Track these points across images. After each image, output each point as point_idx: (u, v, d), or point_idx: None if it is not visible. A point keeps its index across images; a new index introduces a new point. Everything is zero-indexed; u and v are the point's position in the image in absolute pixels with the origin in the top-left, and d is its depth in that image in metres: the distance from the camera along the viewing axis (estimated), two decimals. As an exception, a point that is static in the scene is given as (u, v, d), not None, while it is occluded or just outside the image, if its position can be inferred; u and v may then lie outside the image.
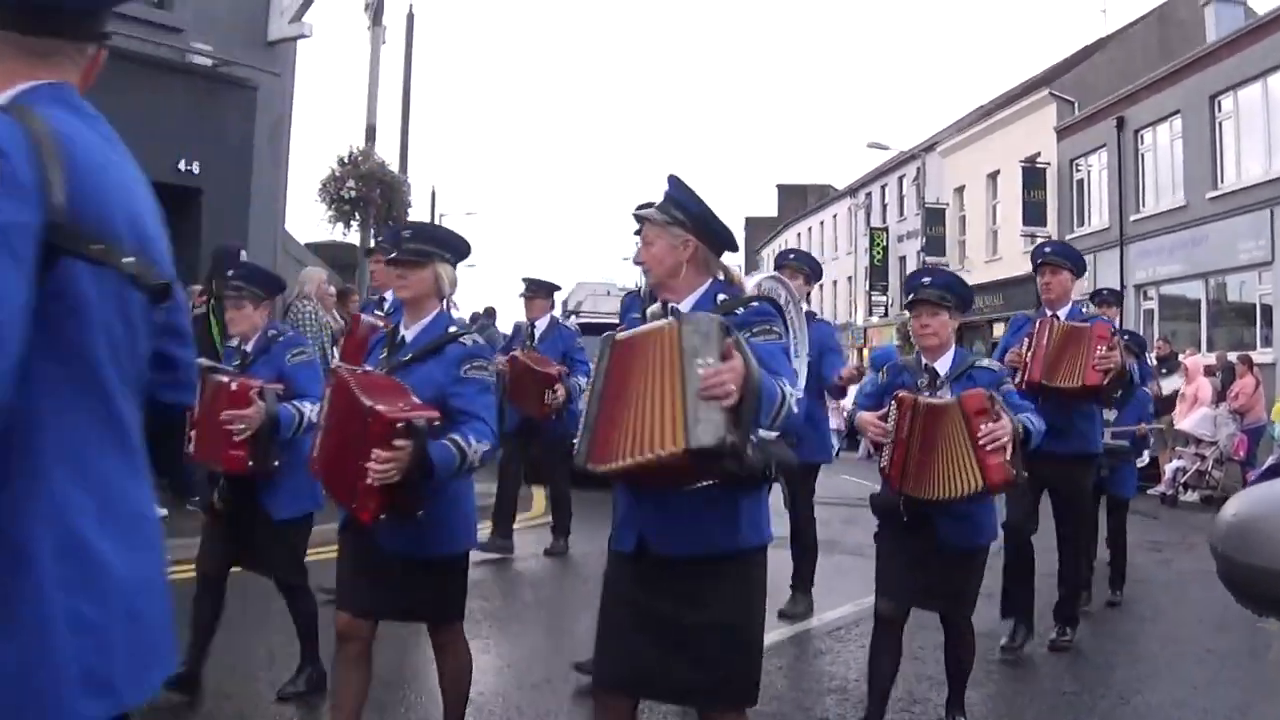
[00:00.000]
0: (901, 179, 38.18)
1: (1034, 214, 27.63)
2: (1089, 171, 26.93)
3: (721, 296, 3.22)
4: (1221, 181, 21.40)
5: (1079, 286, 11.43)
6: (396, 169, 15.33)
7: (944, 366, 4.61)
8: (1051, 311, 6.35)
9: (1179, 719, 5.32)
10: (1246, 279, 21.29)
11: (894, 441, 4.44)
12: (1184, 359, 16.95)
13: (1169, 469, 15.34)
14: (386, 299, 7.82)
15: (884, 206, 40.05)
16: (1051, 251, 6.52)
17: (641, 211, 3.35)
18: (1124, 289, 23.13)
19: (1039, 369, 6.06)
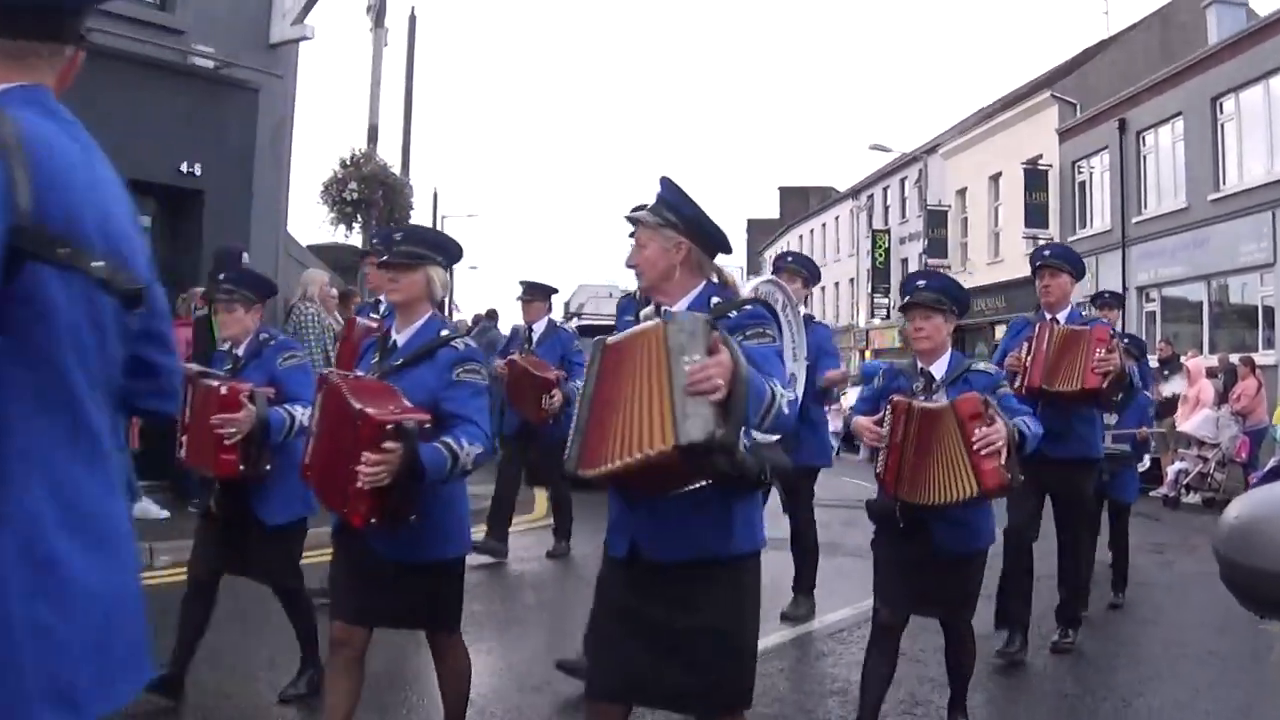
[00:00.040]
0: (903, 181, 38.19)
1: (1036, 216, 27.63)
2: (1091, 173, 26.94)
3: (715, 299, 3.17)
4: (1223, 183, 21.40)
5: (1080, 289, 11.45)
6: (398, 171, 15.35)
7: (940, 370, 4.59)
8: (1051, 315, 6.31)
9: (1181, 721, 5.31)
10: (1248, 281, 21.29)
11: (888, 446, 4.41)
12: (1186, 361, 16.95)
13: (1171, 471, 15.32)
14: (382, 302, 7.82)
15: (886, 208, 40.07)
16: (1051, 254, 6.46)
17: (634, 214, 3.31)
18: (1126, 291, 23.14)
19: (1038, 373, 6.03)
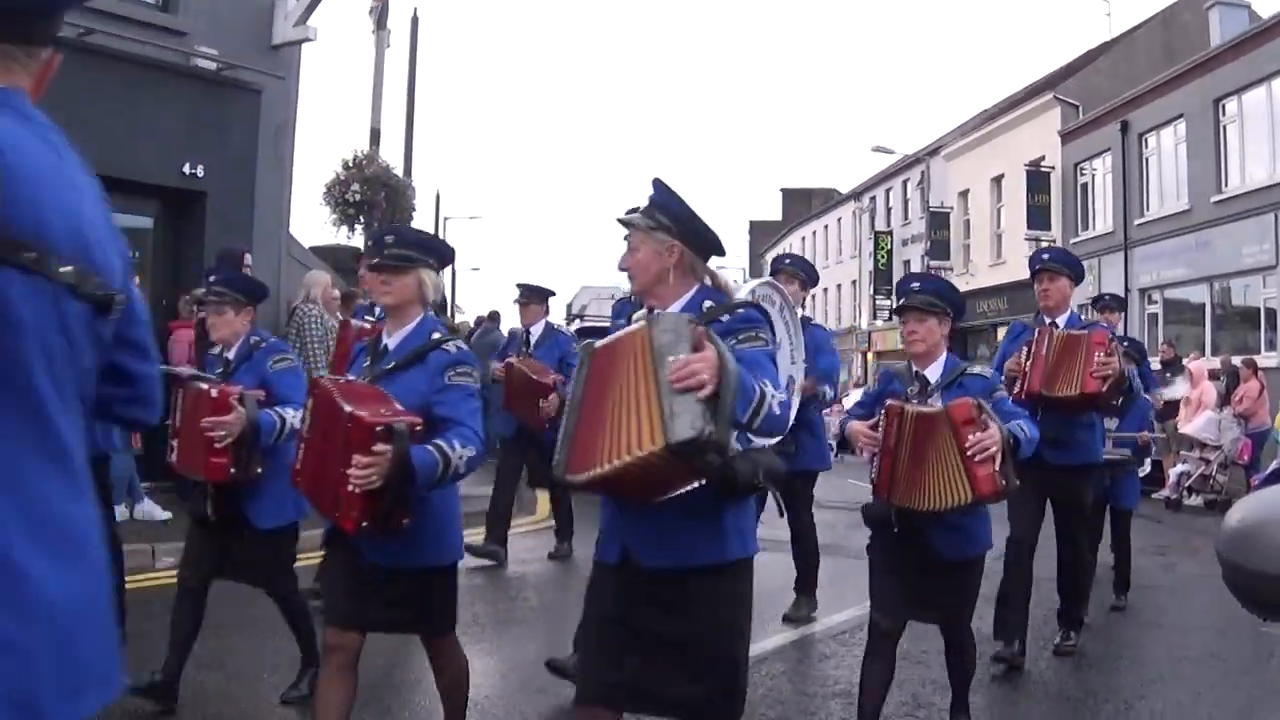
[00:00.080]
0: (906, 183, 38.21)
1: (1038, 218, 27.62)
2: (1093, 175, 26.94)
3: (707, 303, 3.13)
4: (1226, 185, 21.39)
5: (1082, 291, 11.43)
6: (401, 173, 15.32)
7: (934, 374, 4.54)
8: (1050, 319, 6.25)
9: (1183, 724, 5.31)
10: (1251, 283, 21.28)
11: (881, 451, 4.37)
12: (1188, 363, 16.94)
13: (1173, 473, 15.32)
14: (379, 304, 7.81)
15: (888, 210, 40.08)
16: (1050, 258, 6.40)
17: (626, 217, 3.27)
18: (1128, 293, 23.16)
19: (1038, 379, 5.97)
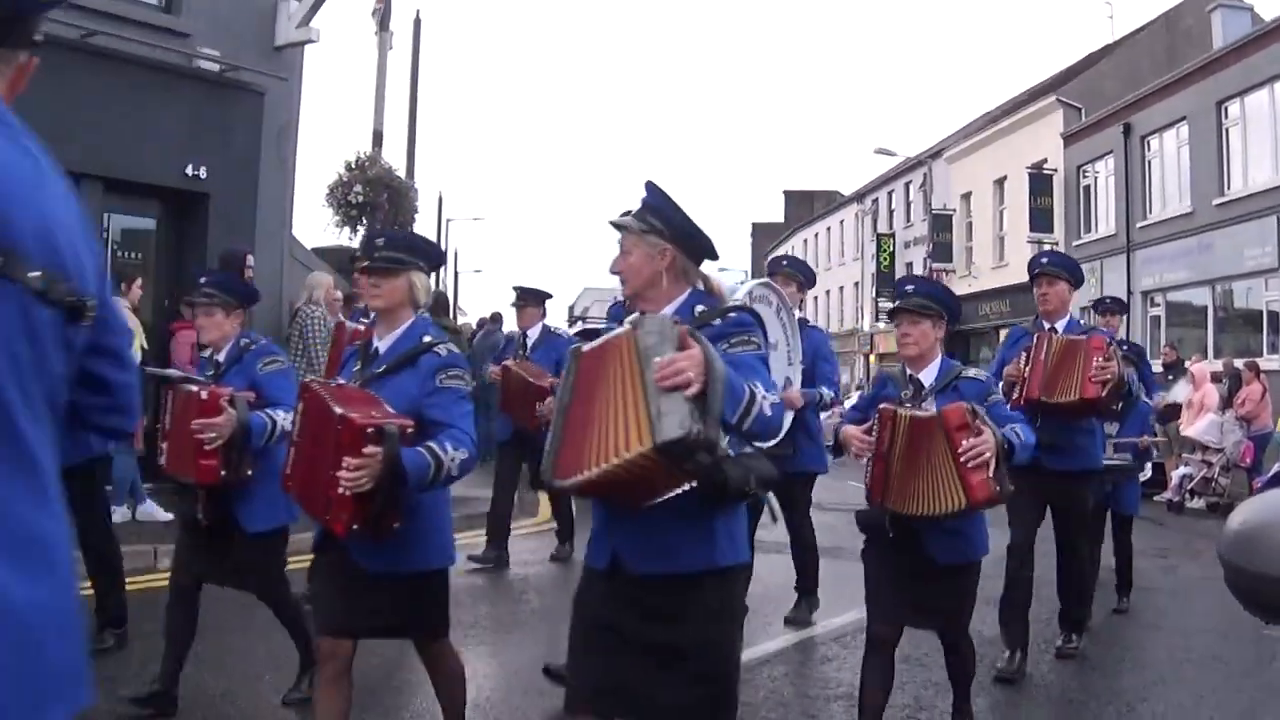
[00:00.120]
0: (908, 185, 38.23)
1: (1041, 220, 27.63)
2: (1096, 178, 26.93)
3: (699, 308, 3.11)
4: (1228, 188, 21.39)
5: (1086, 294, 11.42)
6: (403, 174, 15.33)
7: (929, 377, 4.50)
8: (1049, 324, 6.21)
9: (1185, 727, 5.31)
10: (1253, 285, 21.28)
11: (874, 455, 4.32)
12: (1190, 366, 16.92)
13: (1175, 476, 15.30)
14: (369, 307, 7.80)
15: (891, 212, 40.09)
16: (1049, 262, 6.35)
17: (619, 219, 3.23)
18: (1131, 296, 23.15)
19: (1036, 385, 5.92)
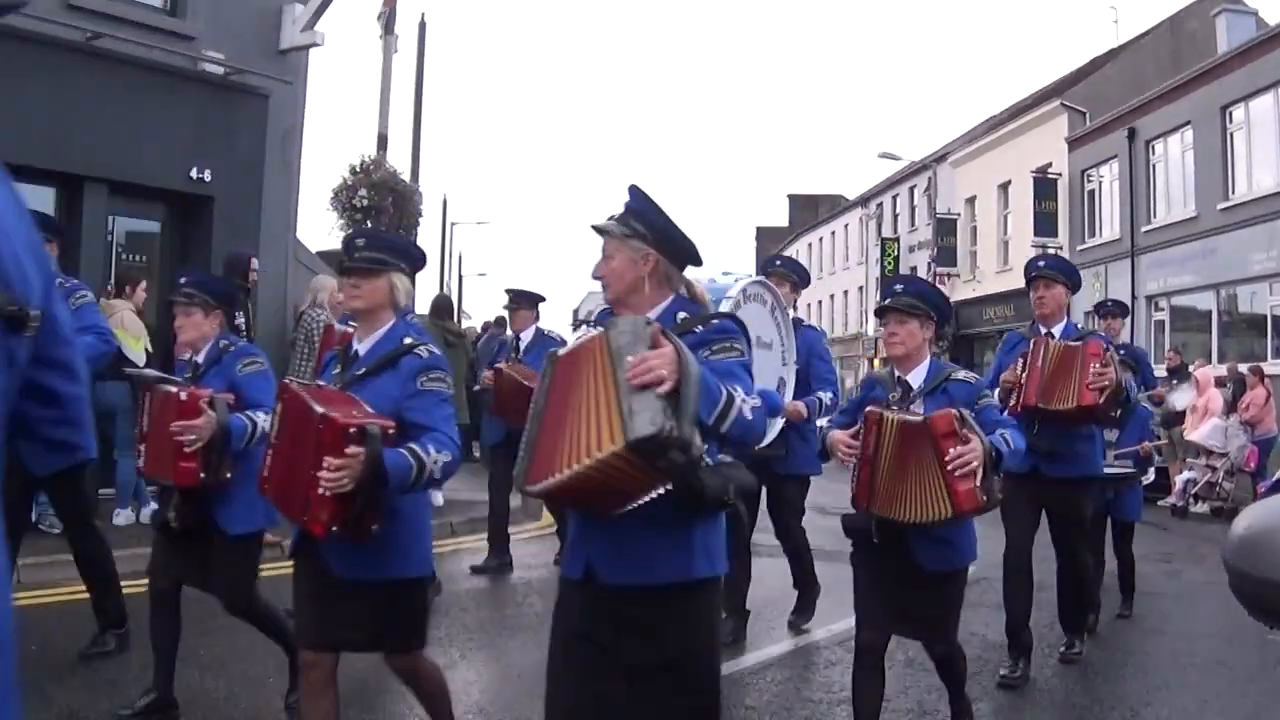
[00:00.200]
0: (913, 189, 38.19)
1: (1045, 225, 27.60)
2: (1100, 182, 26.91)
3: (682, 314, 3.04)
4: (1233, 193, 21.37)
5: (1090, 298, 11.40)
6: (408, 178, 15.30)
7: (917, 378, 4.40)
8: (1046, 328, 6.17)
9: (1189, 732, 5.31)
10: (1258, 290, 21.25)
11: (860, 459, 4.24)
12: (1194, 370, 16.91)
13: (1179, 480, 15.30)
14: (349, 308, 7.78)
15: (895, 217, 40.06)
16: (1045, 265, 6.32)
17: (601, 224, 3.16)
18: (1135, 300, 23.14)
19: (1033, 391, 5.87)
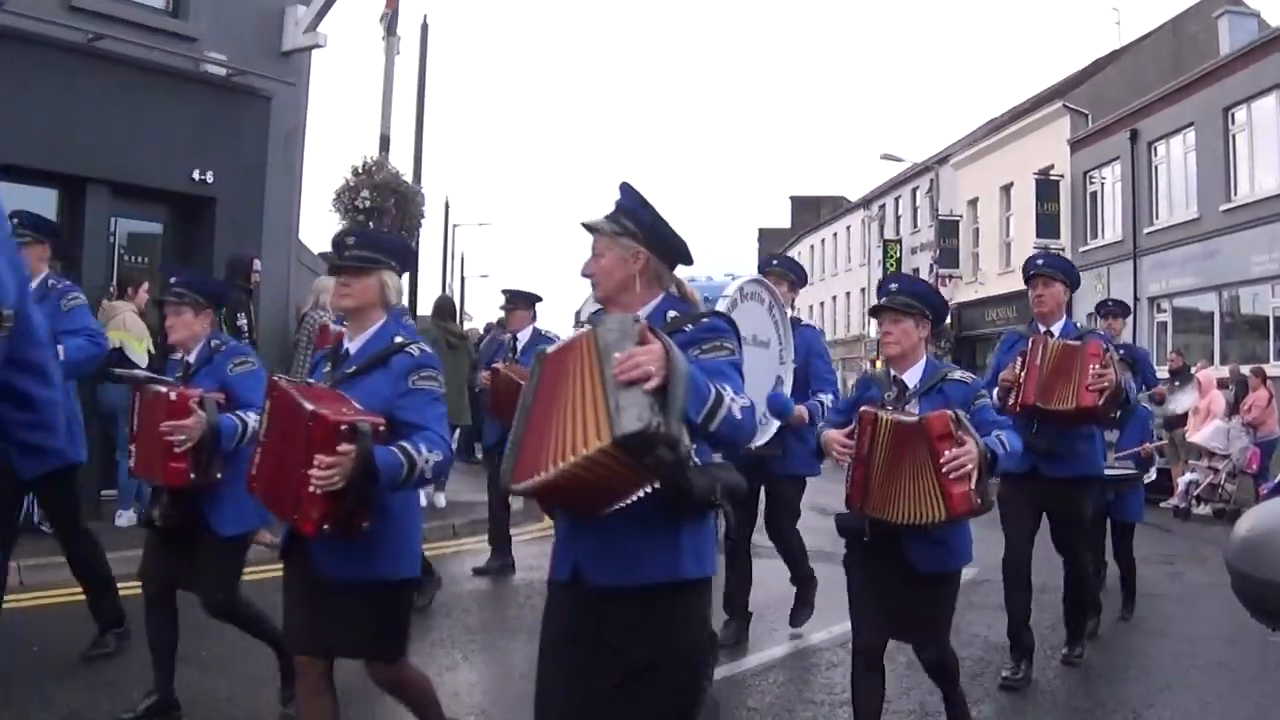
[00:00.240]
0: (915, 191, 38.16)
1: (1047, 226, 27.58)
2: (1102, 184, 26.90)
3: (672, 313, 3.01)
4: (1235, 194, 21.36)
5: (1092, 299, 11.39)
6: (410, 179, 15.29)
7: (913, 378, 4.37)
8: (1045, 327, 6.13)
9: (1191, 734, 5.30)
10: (1260, 292, 21.24)
11: (854, 459, 4.20)
12: (1197, 372, 16.90)
13: (1181, 482, 15.29)
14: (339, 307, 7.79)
15: (897, 218, 40.04)
16: (1044, 264, 6.27)
17: (590, 221, 3.12)
18: (1137, 302, 23.12)
19: (1032, 390, 5.82)
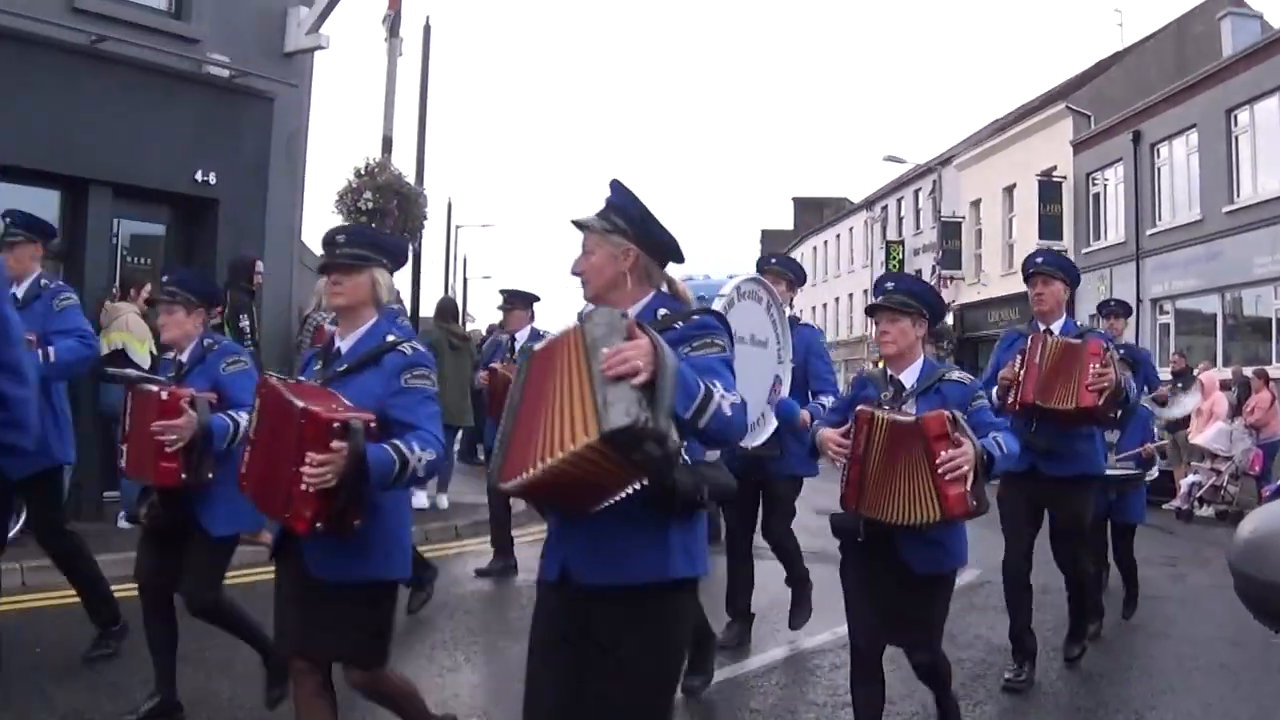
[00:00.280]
0: (917, 192, 38.17)
1: (1050, 228, 27.57)
2: (1105, 185, 26.90)
3: (662, 311, 2.99)
4: (1238, 196, 21.36)
5: (1094, 301, 11.38)
6: (413, 180, 15.32)
7: (910, 378, 4.33)
8: (1044, 325, 6.08)
9: (1194, 735, 5.30)
10: (1262, 293, 21.25)
11: (850, 458, 4.17)
12: (1199, 374, 16.89)
13: (1184, 484, 15.28)
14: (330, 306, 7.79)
15: (900, 220, 40.05)
16: (1043, 261, 6.22)
17: (580, 218, 3.09)
18: (1140, 303, 23.10)
19: (1031, 388, 5.78)
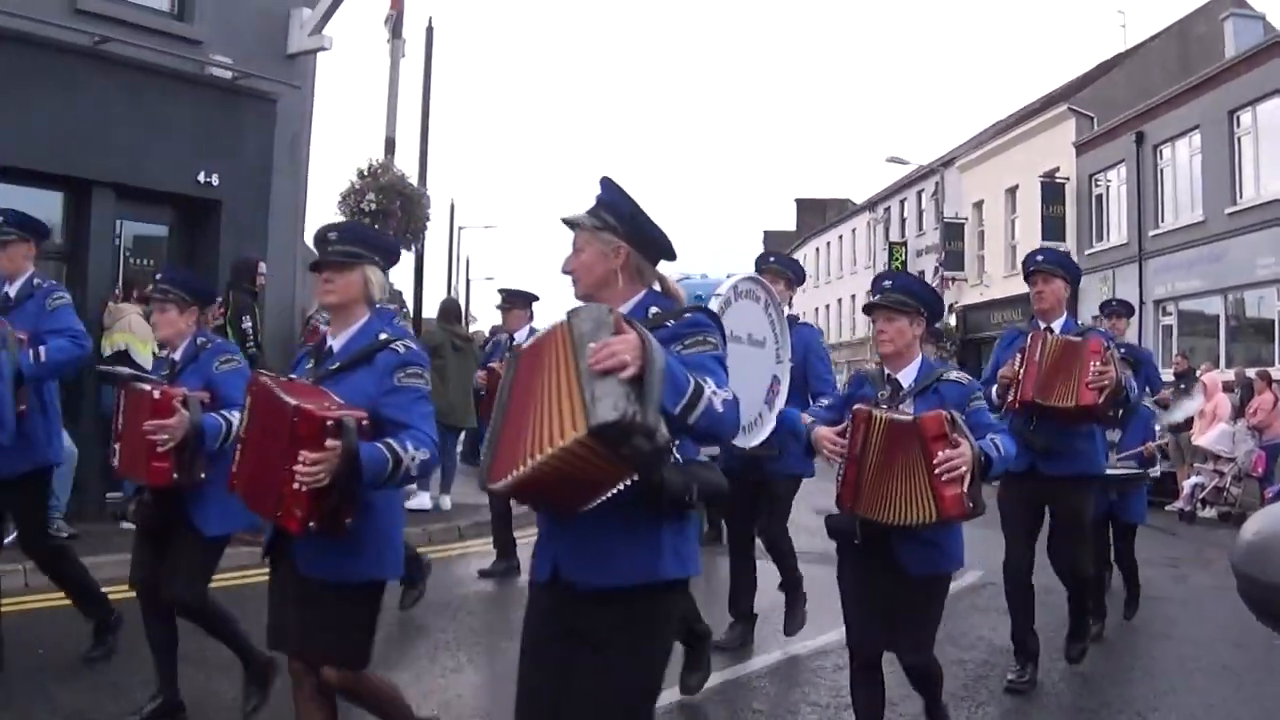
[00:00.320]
0: (920, 194, 38.17)
1: (1053, 229, 27.57)
2: (1108, 187, 26.90)
3: (654, 309, 2.95)
4: (1240, 197, 21.36)
5: (1097, 301, 11.38)
6: (416, 182, 15.31)
7: (908, 377, 4.31)
8: (1045, 324, 6.06)
9: (1195, 736, 5.30)
10: (1265, 295, 21.24)
11: (846, 458, 4.15)
12: (1202, 375, 16.87)
13: (1187, 485, 15.29)
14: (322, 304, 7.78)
15: (903, 221, 40.03)
16: (1043, 259, 6.20)
17: (571, 216, 3.05)
18: (1143, 304, 23.11)
19: (1030, 386, 5.76)
